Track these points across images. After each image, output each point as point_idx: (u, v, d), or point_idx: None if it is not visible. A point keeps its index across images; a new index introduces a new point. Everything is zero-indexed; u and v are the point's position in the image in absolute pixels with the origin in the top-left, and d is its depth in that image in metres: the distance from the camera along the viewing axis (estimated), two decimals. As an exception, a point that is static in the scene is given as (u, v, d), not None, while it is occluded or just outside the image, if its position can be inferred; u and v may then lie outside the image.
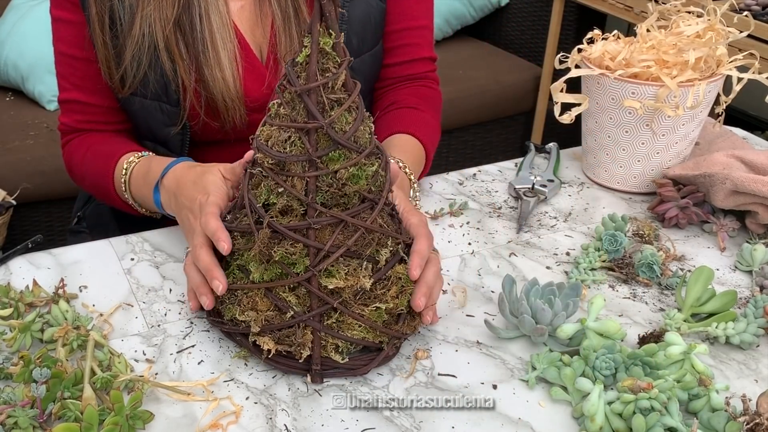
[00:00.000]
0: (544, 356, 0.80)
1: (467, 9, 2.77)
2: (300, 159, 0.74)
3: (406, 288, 0.80)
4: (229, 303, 0.80)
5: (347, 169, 0.75)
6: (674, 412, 0.72)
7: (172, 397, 0.76)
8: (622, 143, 1.11)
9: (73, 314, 0.83)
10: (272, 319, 0.77)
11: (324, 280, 0.76)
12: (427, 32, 1.20)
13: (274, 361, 0.78)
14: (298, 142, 0.74)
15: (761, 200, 1.01)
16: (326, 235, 0.75)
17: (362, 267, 0.77)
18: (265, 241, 0.75)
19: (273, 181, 0.75)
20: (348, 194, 0.75)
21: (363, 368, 0.79)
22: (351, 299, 0.77)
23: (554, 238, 1.04)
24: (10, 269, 0.94)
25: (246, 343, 0.80)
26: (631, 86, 1.06)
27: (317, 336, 0.77)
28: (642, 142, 1.10)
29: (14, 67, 2.26)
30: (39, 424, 0.70)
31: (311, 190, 0.74)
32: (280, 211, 0.76)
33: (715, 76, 1.07)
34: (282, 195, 0.75)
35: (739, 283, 0.97)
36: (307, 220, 0.75)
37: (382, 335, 0.79)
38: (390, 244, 0.79)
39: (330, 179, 0.74)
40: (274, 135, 0.75)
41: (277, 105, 0.76)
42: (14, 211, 2.04)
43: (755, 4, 1.92)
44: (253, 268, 0.77)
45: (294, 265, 0.75)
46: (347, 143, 0.74)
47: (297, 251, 0.75)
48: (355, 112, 0.75)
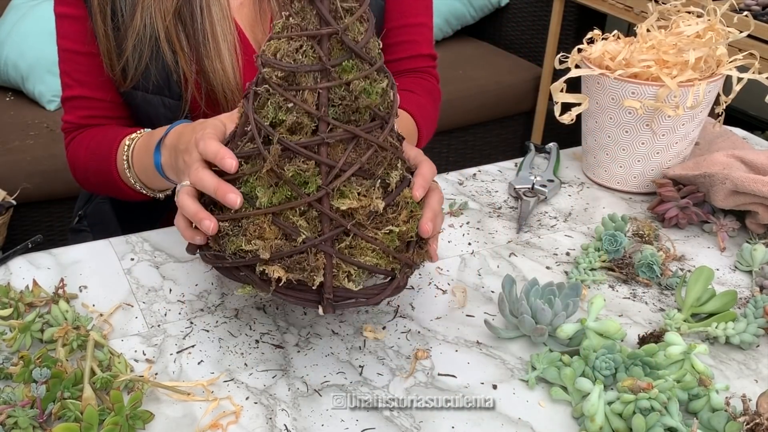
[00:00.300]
0: (544, 356, 0.80)
1: (467, 9, 2.77)
2: (313, 69, 0.71)
3: (415, 213, 0.78)
4: (232, 235, 0.75)
5: (360, 81, 0.72)
6: (674, 412, 0.72)
7: (172, 397, 0.76)
8: (622, 143, 1.11)
9: (73, 314, 0.83)
10: (281, 246, 0.73)
11: (336, 201, 0.72)
12: (425, 29, 1.20)
13: (283, 294, 0.74)
14: (310, 52, 0.71)
15: (761, 200, 1.01)
16: (338, 152, 0.72)
17: (375, 188, 0.74)
18: (275, 159, 0.71)
19: (281, 96, 0.72)
20: (360, 110, 0.73)
21: (376, 297, 0.75)
22: (364, 221, 0.74)
23: (554, 238, 1.04)
24: (10, 269, 0.94)
25: (252, 276, 0.74)
26: (631, 86, 1.06)
27: (330, 261, 0.73)
28: (642, 142, 1.10)
29: (14, 67, 2.26)
30: (39, 424, 0.70)
31: (323, 103, 0.71)
32: (289, 130, 0.72)
33: (715, 76, 1.07)
34: (291, 111, 0.71)
35: (739, 283, 0.97)
36: (320, 135, 0.71)
37: (395, 262, 0.76)
38: (399, 167, 0.77)
39: (343, 91, 0.72)
40: (283, 47, 0.72)
41: (285, 17, 0.73)
42: (14, 211, 2.04)
43: (755, 4, 1.92)
44: (261, 192, 0.73)
45: (305, 185, 0.72)
46: (361, 52, 0.71)
47: (309, 168, 0.71)
48: (366, 23, 0.73)
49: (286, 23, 0.73)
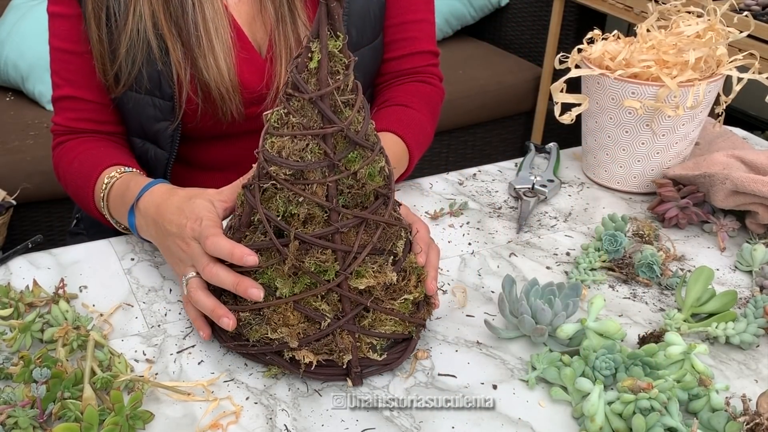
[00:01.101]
0: (544, 356, 0.80)
1: (467, 9, 2.77)
2: (321, 165, 0.73)
3: (421, 276, 0.82)
4: (255, 323, 0.78)
5: (365, 168, 0.75)
6: (674, 412, 0.72)
7: (172, 397, 0.76)
8: (622, 143, 1.11)
9: (73, 314, 0.83)
10: (306, 330, 0.76)
11: (354, 282, 0.76)
12: (426, 25, 1.20)
13: (313, 374, 0.78)
14: (316, 149, 0.73)
15: (761, 200, 1.01)
16: (351, 237, 0.76)
17: (387, 262, 0.77)
18: (295, 253, 0.74)
19: (291, 191, 0.74)
20: (366, 193, 0.76)
21: (397, 361, 0.80)
22: (381, 295, 0.78)
23: (554, 238, 1.04)
24: (10, 269, 0.94)
25: (279, 360, 0.78)
26: (631, 86, 1.06)
27: (354, 338, 0.77)
28: (642, 142, 1.10)
29: (14, 67, 2.26)
30: (39, 424, 0.70)
31: (333, 195, 0.74)
32: (302, 222, 0.75)
33: (715, 76, 1.08)
34: (302, 204, 0.74)
35: (739, 283, 0.97)
36: (333, 225, 0.74)
37: (411, 325, 0.80)
38: (403, 235, 0.80)
39: (350, 181, 0.75)
40: (288, 145, 0.74)
41: (284, 114, 0.74)
42: (14, 211, 2.04)
43: (755, 4, 1.92)
44: (280, 283, 0.76)
45: (325, 272, 0.75)
46: (364, 142, 0.74)
47: (328, 258, 0.74)
48: (362, 111, 0.75)
49: (286, 120, 0.74)
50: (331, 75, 0.72)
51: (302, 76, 0.73)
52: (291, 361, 0.77)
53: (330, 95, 0.72)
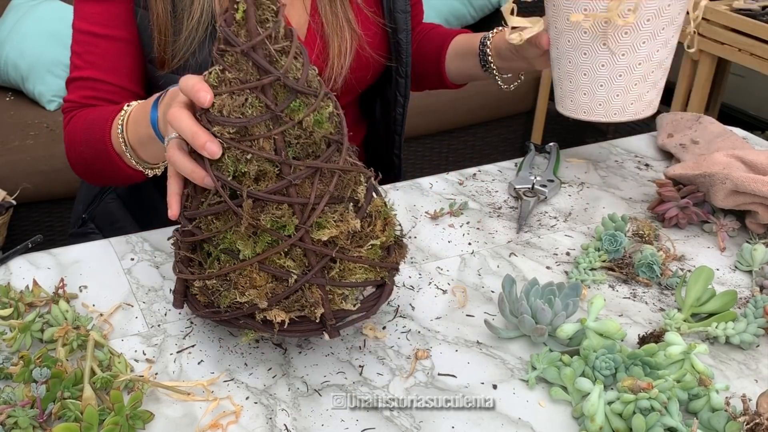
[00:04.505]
0: (544, 356, 0.80)
1: (467, 9, 2.77)
2: (264, 118, 0.71)
3: (389, 219, 0.80)
4: (223, 290, 0.76)
5: (311, 116, 0.73)
6: (674, 412, 0.72)
7: (172, 397, 0.76)
8: (582, 67, 1.02)
9: (73, 314, 0.83)
10: (275, 289, 0.74)
11: (316, 234, 0.74)
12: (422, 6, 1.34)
13: (288, 332, 0.76)
14: (256, 102, 0.71)
15: (761, 200, 1.01)
16: (306, 188, 0.73)
17: (348, 210, 0.76)
18: (250, 212, 0.72)
19: (238, 150, 0.72)
20: (316, 141, 0.74)
21: (373, 308, 0.79)
22: (347, 244, 0.76)
23: (554, 238, 1.04)
24: (10, 269, 0.94)
25: (253, 323, 0.76)
26: (582, 1, 0.98)
27: (325, 291, 0.75)
28: (602, 64, 1.01)
29: (14, 67, 2.26)
30: (39, 424, 0.70)
31: (281, 147, 0.72)
32: (254, 179, 0.73)
33: None
34: (251, 161, 0.72)
35: (739, 283, 0.97)
36: (286, 178, 0.72)
37: (382, 271, 0.79)
38: (363, 180, 0.78)
39: (297, 131, 0.73)
40: (228, 103, 0.72)
41: (220, 72, 0.73)
42: (14, 211, 2.04)
43: (755, 4, 1.92)
44: (242, 245, 0.74)
45: (284, 228, 0.73)
46: (304, 89, 0.72)
47: (284, 212, 0.73)
48: (300, 57, 0.74)
49: (223, 77, 0.73)
50: (260, 24, 0.71)
51: (232, 29, 0.71)
52: (264, 323, 0.75)
53: (262, 45, 0.71)
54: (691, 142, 1.22)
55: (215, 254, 0.76)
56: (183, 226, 0.79)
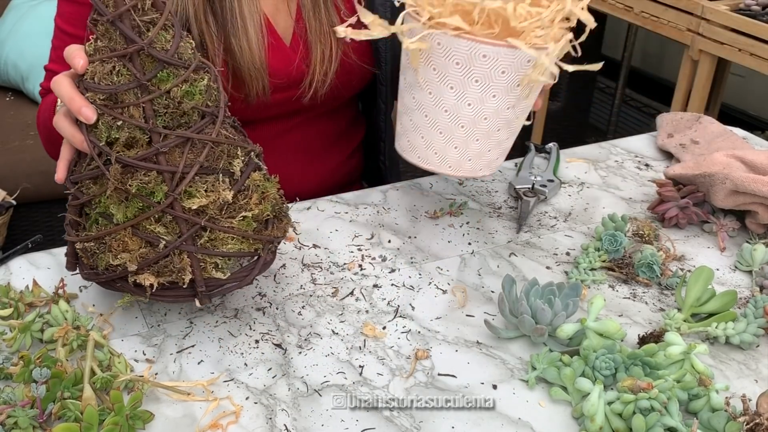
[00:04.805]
0: (544, 356, 0.80)
1: (467, 9, 2.77)
2: (131, 86, 0.75)
3: (267, 194, 0.82)
4: (100, 253, 0.79)
5: (179, 87, 0.76)
6: (674, 412, 0.72)
7: (172, 397, 0.76)
8: (425, 107, 0.89)
9: (73, 314, 0.83)
10: (146, 254, 0.77)
11: (186, 202, 0.77)
12: None
13: (160, 296, 0.79)
14: (124, 71, 0.75)
15: (761, 200, 1.01)
16: (176, 157, 0.76)
17: (220, 181, 0.78)
18: (117, 176, 0.75)
19: (110, 116, 0.75)
20: (187, 112, 0.77)
21: (246, 278, 0.81)
22: (217, 214, 0.78)
23: (554, 238, 1.04)
24: (10, 269, 0.94)
25: (127, 286, 0.79)
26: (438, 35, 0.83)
27: (195, 258, 0.78)
28: (445, 109, 0.88)
29: (14, 67, 2.26)
30: (39, 424, 0.70)
31: (150, 116, 0.75)
32: (125, 145, 0.76)
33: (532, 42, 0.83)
34: (122, 128, 0.75)
35: (739, 283, 0.97)
36: (154, 146, 0.75)
37: (256, 243, 0.81)
38: (240, 154, 0.81)
39: (166, 100, 0.76)
40: (98, 70, 0.76)
41: (93, 40, 0.76)
42: (14, 211, 2.04)
43: (755, 4, 1.92)
44: (114, 209, 0.77)
45: (153, 194, 0.76)
46: (172, 60, 0.75)
47: (152, 179, 0.76)
48: (171, 29, 0.77)
49: (96, 46, 0.76)
50: None
51: (102, 1, 0.74)
52: (137, 286, 0.78)
53: (129, 15, 0.74)
54: (691, 142, 1.22)
55: (94, 217, 0.80)
56: (69, 189, 0.82)
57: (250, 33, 1.06)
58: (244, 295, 0.90)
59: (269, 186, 0.83)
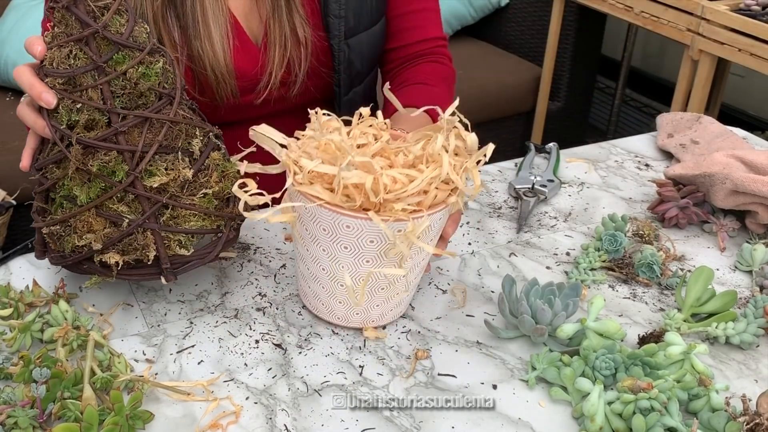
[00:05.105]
0: (544, 356, 0.80)
1: (467, 9, 2.77)
2: (88, 69, 0.77)
3: (227, 172, 0.86)
4: (65, 236, 0.81)
5: (136, 68, 0.78)
6: (674, 412, 0.72)
7: (172, 397, 0.76)
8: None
9: (73, 314, 0.83)
10: (112, 234, 0.80)
11: (147, 181, 0.79)
12: (431, 14, 1.23)
13: (126, 275, 0.82)
14: (81, 54, 0.77)
15: (761, 200, 1.01)
16: (136, 137, 0.79)
17: (179, 159, 0.81)
18: (78, 157, 0.78)
19: (69, 99, 0.78)
20: (144, 93, 0.79)
21: (209, 254, 0.83)
22: (178, 192, 0.81)
23: (554, 238, 1.04)
24: (10, 269, 0.94)
25: (94, 267, 0.81)
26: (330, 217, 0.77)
27: (158, 235, 0.80)
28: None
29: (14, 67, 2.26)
30: (39, 424, 0.70)
31: (107, 97, 0.78)
32: (86, 127, 0.78)
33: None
34: (82, 110, 0.78)
35: (739, 283, 0.97)
36: (113, 126, 0.78)
37: (218, 220, 0.84)
38: (199, 134, 0.84)
39: (122, 82, 0.78)
40: (56, 55, 0.78)
41: (51, 27, 0.78)
42: (14, 211, 2.04)
43: (755, 4, 1.92)
44: (78, 191, 0.79)
45: (114, 174, 0.78)
46: (127, 42, 0.78)
47: (112, 159, 0.78)
48: (125, 14, 0.79)
49: (53, 32, 0.78)
50: None
51: None
52: (102, 266, 0.81)
53: (83, 1, 0.76)
54: (691, 142, 1.22)
55: (58, 201, 0.82)
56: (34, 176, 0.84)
57: (213, 36, 1.05)
58: (244, 295, 0.90)
59: (229, 166, 0.86)
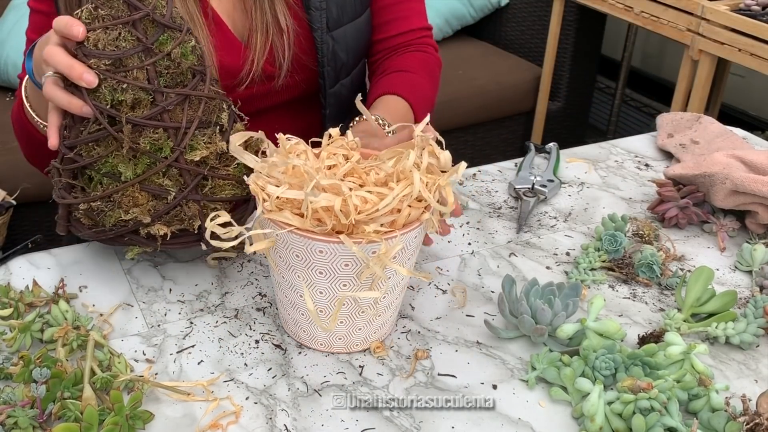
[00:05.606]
0: (544, 356, 0.80)
1: (467, 9, 2.77)
2: (136, 51, 0.80)
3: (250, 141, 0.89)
4: (108, 211, 0.83)
5: (178, 48, 0.82)
6: (674, 412, 0.72)
7: (172, 397, 0.76)
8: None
9: (73, 314, 0.83)
10: (156, 206, 0.83)
11: (189, 155, 0.83)
12: (416, 4, 1.24)
13: (170, 245, 0.85)
14: (129, 36, 0.80)
15: (761, 200, 1.01)
16: (178, 114, 0.82)
17: (216, 132, 0.85)
18: (129, 136, 0.80)
19: (114, 80, 0.79)
20: (184, 71, 0.83)
21: (240, 220, 0.87)
22: (216, 164, 0.85)
23: (554, 238, 1.04)
24: (10, 269, 0.94)
25: (137, 239, 0.85)
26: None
27: (200, 205, 0.84)
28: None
29: (14, 67, 2.26)
30: (39, 424, 0.70)
31: (153, 77, 0.80)
32: (131, 107, 0.80)
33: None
34: (127, 90, 0.80)
35: (739, 283, 0.97)
36: (160, 104, 0.80)
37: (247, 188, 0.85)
38: (225, 107, 0.87)
39: (166, 62, 0.81)
40: (102, 37, 0.79)
41: (93, 9, 0.80)
42: (14, 211, 2.04)
43: (755, 4, 1.92)
44: (123, 168, 0.82)
45: (160, 150, 0.82)
46: (171, 23, 0.81)
47: (161, 136, 0.81)
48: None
49: (96, 14, 0.80)
50: None
51: None
52: (147, 237, 0.84)
53: None
54: (691, 142, 1.22)
55: (98, 178, 0.84)
56: (64, 154, 0.85)
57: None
58: (244, 295, 0.90)
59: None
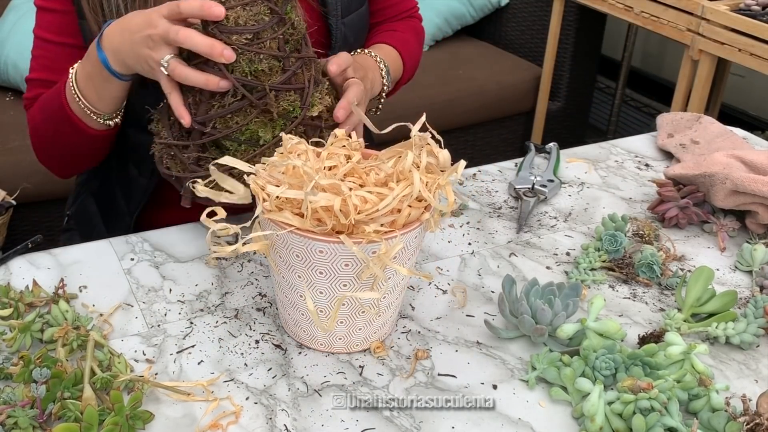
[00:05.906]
0: (544, 356, 0.80)
1: (467, 9, 2.77)
2: (273, 22, 0.85)
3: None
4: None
5: (296, 16, 0.88)
6: (674, 412, 0.72)
7: (172, 397, 0.76)
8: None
9: (73, 314, 0.83)
10: None
11: (310, 112, 0.89)
12: None
13: None
14: (266, 11, 0.85)
15: (761, 200, 1.01)
16: (300, 76, 0.89)
17: (324, 89, 0.92)
18: (273, 103, 0.86)
19: (251, 52, 0.85)
20: (300, 36, 0.89)
21: None
22: (327, 116, 0.92)
23: (554, 238, 1.04)
24: (10, 269, 0.94)
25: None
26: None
27: None
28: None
29: (14, 67, 2.26)
30: (39, 424, 0.70)
31: (282, 45, 0.86)
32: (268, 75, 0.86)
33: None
34: (263, 60, 0.85)
35: (739, 283, 0.97)
36: (290, 69, 0.87)
37: None
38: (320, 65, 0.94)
39: (291, 29, 0.87)
40: (242, 14, 0.84)
41: None
42: (14, 211, 2.04)
43: (755, 4, 1.92)
44: (262, 132, 0.88)
45: (292, 111, 0.88)
46: None
47: (295, 99, 0.88)
48: None
49: None
50: None
51: None
52: None
53: None
54: (691, 142, 1.22)
55: (234, 147, 0.89)
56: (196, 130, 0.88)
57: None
58: (244, 295, 0.90)
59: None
